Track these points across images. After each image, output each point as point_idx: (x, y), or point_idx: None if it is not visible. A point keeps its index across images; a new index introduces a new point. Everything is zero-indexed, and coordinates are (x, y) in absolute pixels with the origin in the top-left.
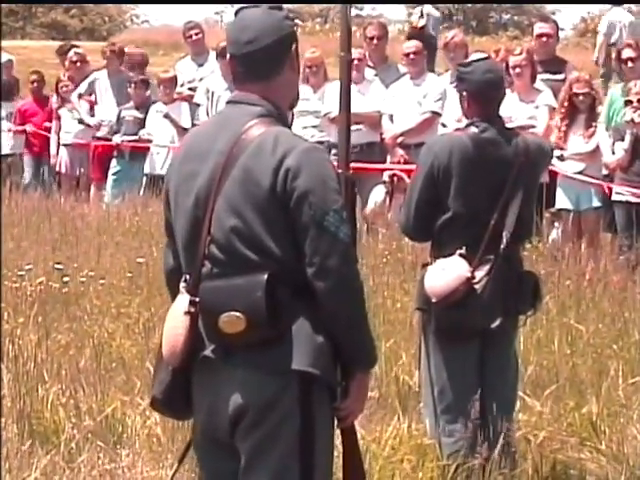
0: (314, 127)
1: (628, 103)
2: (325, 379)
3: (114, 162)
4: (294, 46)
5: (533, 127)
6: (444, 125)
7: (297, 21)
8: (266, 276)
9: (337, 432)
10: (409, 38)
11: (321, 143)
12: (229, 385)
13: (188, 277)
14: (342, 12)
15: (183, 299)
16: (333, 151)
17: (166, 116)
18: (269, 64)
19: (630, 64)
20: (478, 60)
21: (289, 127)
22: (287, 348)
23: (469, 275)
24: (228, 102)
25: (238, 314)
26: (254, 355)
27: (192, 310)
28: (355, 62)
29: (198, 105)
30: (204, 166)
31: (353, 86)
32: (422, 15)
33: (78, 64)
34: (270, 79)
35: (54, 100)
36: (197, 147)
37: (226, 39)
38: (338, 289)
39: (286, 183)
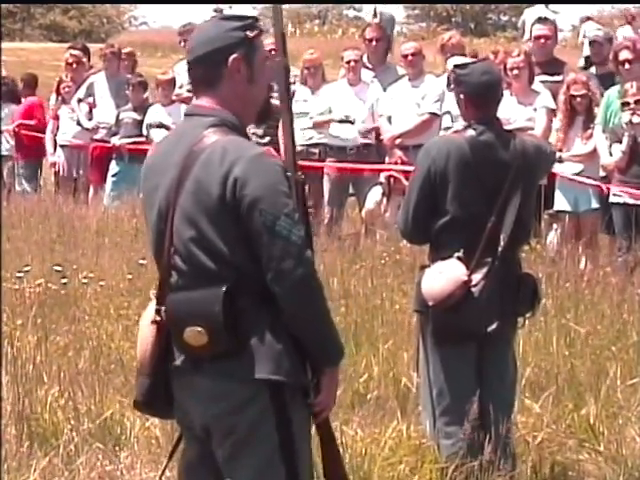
0: (312, 129)
1: (625, 105)
2: (291, 383)
3: (113, 164)
4: (234, 57)
5: (531, 129)
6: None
7: (252, 32)
8: (224, 289)
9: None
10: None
11: (317, 145)
12: (199, 394)
13: (157, 285)
14: (275, 15)
15: (151, 307)
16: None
17: (160, 125)
18: (207, 74)
19: (627, 66)
20: (475, 62)
21: (245, 135)
22: (250, 357)
23: (466, 278)
24: (185, 115)
25: (199, 329)
26: (220, 365)
27: (158, 319)
28: (351, 63)
29: None
30: (163, 179)
31: (350, 87)
32: (376, 14)
33: (74, 65)
34: (214, 88)
35: (53, 101)
36: (157, 161)
37: None
38: (295, 291)
39: (235, 193)
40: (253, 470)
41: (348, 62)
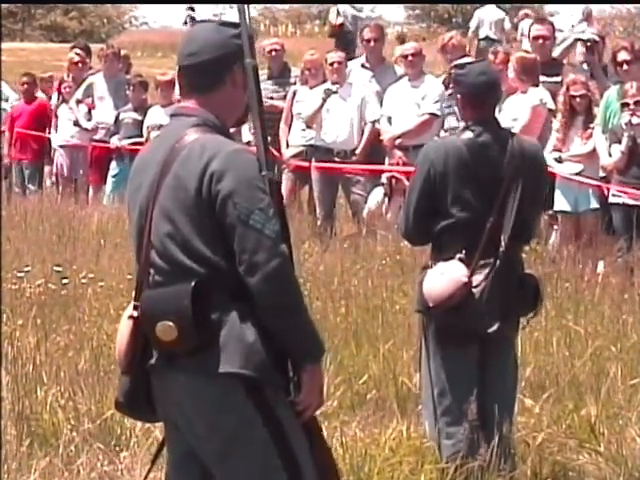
0: (309, 128)
1: (625, 106)
2: (263, 378)
3: (114, 164)
4: (237, 64)
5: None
6: None
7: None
8: (193, 284)
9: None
10: (330, 36)
11: (304, 146)
12: (176, 392)
13: (136, 282)
14: (240, 14)
15: (131, 304)
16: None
17: (160, 127)
18: (208, 78)
19: (625, 67)
20: (473, 62)
21: (229, 137)
22: (219, 352)
23: (466, 280)
24: (170, 116)
25: (170, 323)
26: (192, 360)
27: (135, 314)
28: (335, 65)
29: None
30: (145, 177)
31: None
32: (339, 13)
33: (79, 65)
34: (210, 93)
35: (54, 101)
36: (142, 161)
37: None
38: (268, 283)
39: (211, 186)
40: (249, 470)
41: (331, 64)
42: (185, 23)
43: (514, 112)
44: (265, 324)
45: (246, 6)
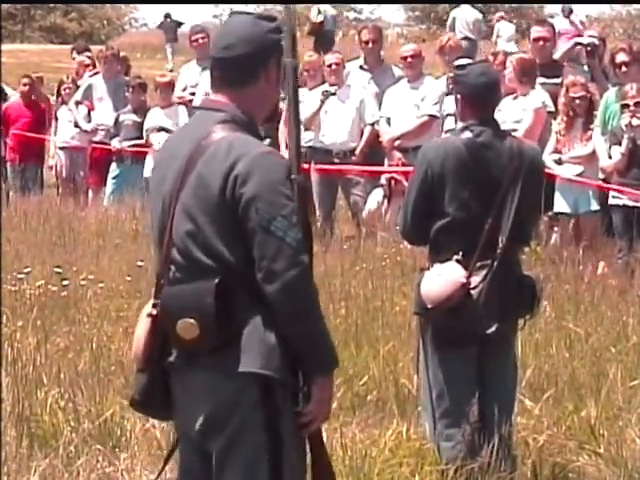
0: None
1: (624, 107)
2: (279, 380)
3: (114, 166)
4: (273, 59)
5: (515, 130)
6: None
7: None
8: (216, 281)
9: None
10: (310, 34)
11: (304, 147)
12: (194, 389)
13: (155, 279)
14: (286, 14)
15: (150, 302)
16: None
17: (160, 129)
18: (242, 73)
19: (624, 68)
20: (474, 63)
21: (257, 135)
22: (240, 351)
23: (464, 281)
24: (197, 108)
25: (192, 321)
26: (213, 358)
27: (154, 312)
28: (332, 67)
29: None
30: (169, 171)
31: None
32: (319, 12)
33: (90, 67)
34: (243, 88)
35: (53, 103)
36: (166, 153)
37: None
38: (285, 292)
39: (235, 189)
40: (239, 469)
41: (329, 65)
42: (159, 26)
43: (516, 114)
44: (282, 330)
45: (292, 5)
